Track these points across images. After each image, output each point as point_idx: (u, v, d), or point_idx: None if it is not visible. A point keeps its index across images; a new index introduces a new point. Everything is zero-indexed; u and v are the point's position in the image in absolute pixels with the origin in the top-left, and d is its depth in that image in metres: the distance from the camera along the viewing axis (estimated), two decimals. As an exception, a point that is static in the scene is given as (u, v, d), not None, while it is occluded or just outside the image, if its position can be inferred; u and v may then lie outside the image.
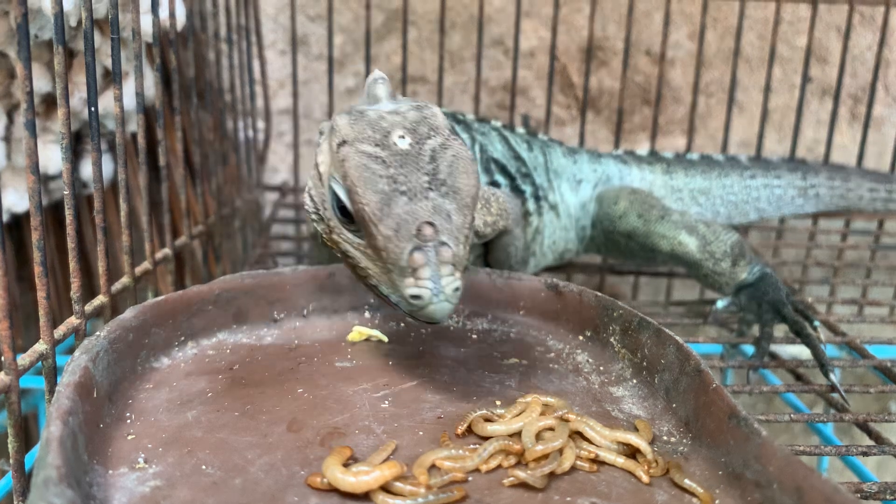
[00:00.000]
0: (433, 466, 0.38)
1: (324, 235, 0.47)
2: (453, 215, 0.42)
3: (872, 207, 0.94)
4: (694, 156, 0.88)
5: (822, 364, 0.57)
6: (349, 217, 0.44)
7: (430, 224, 0.41)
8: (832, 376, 0.56)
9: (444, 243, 0.41)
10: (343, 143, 0.44)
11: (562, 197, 0.74)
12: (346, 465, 0.37)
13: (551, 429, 0.40)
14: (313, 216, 0.48)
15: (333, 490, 0.36)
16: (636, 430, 0.42)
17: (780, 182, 0.90)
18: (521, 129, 0.77)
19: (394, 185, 0.42)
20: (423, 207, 0.41)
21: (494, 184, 0.67)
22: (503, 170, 0.69)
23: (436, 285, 0.40)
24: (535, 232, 0.71)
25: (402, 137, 0.44)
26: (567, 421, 0.41)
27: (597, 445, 0.40)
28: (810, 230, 0.94)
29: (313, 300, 0.55)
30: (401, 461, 0.37)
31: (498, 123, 0.74)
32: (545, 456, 0.39)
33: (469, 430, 0.42)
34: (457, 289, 0.41)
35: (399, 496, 0.36)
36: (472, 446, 0.40)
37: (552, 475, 0.38)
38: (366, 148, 0.43)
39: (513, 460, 0.39)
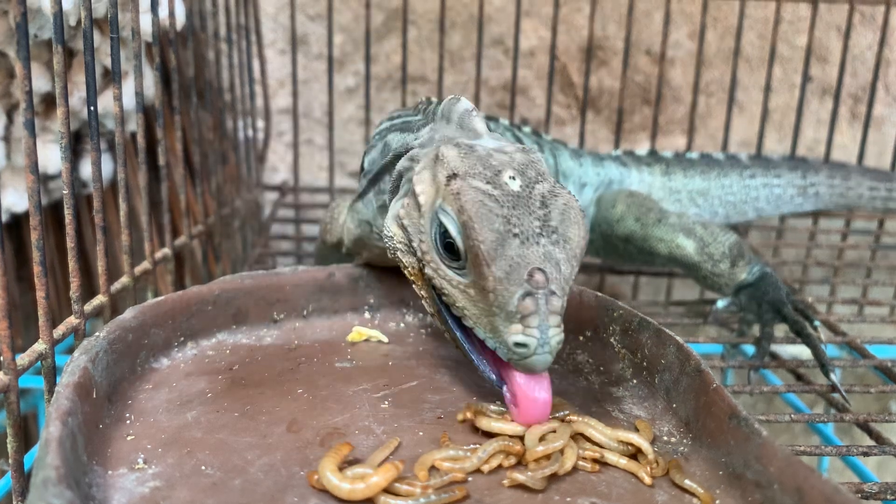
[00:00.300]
0: (433, 467, 0.38)
1: (409, 269, 0.46)
2: (562, 265, 0.41)
3: (872, 206, 0.94)
4: (693, 155, 0.88)
5: (823, 364, 0.57)
6: (453, 254, 0.42)
7: (542, 271, 0.40)
8: (833, 376, 0.56)
9: (553, 293, 0.39)
10: (454, 175, 0.43)
11: None
12: (344, 464, 0.37)
13: (554, 430, 0.40)
14: (400, 246, 0.46)
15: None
16: (637, 430, 0.42)
17: (780, 181, 0.90)
18: (527, 129, 0.77)
19: (508, 227, 0.40)
20: (534, 253, 0.40)
21: None
22: None
23: (542, 335, 0.39)
24: None
25: (513, 178, 0.42)
26: (569, 423, 0.41)
27: (599, 446, 0.40)
28: (810, 230, 0.94)
29: (313, 300, 0.55)
30: (401, 461, 0.37)
31: (505, 122, 0.74)
32: (546, 457, 0.38)
33: (471, 425, 0.42)
34: (560, 342, 0.40)
35: (400, 496, 0.36)
36: (472, 446, 0.40)
37: (553, 475, 0.38)
38: (479, 184, 0.42)
39: (513, 460, 0.39)
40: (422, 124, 0.52)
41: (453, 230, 0.42)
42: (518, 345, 0.39)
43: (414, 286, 0.46)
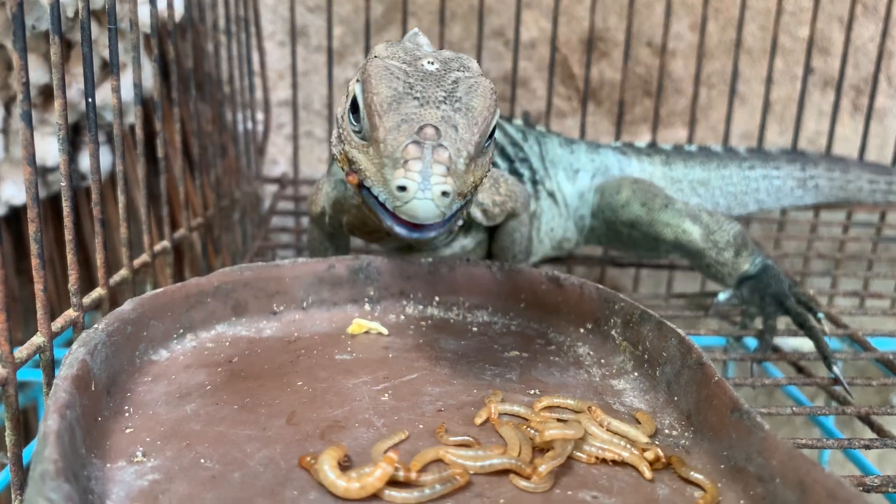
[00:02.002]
0: (436, 461, 0.38)
1: (339, 158, 0.47)
2: (461, 129, 0.42)
3: (872, 199, 0.94)
4: (692, 147, 0.88)
5: (826, 357, 0.57)
6: (357, 116, 0.44)
7: (434, 127, 0.41)
8: (836, 369, 0.56)
9: (443, 146, 0.41)
10: (374, 57, 0.46)
11: (559, 186, 0.74)
12: (346, 460, 0.37)
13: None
14: (335, 141, 0.48)
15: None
16: (638, 422, 0.42)
17: (780, 173, 0.89)
18: (518, 121, 0.76)
19: (409, 90, 0.43)
20: (431, 113, 0.42)
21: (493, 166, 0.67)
22: (501, 152, 0.69)
23: (424, 181, 0.40)
24: (532, 217, 0.70)
25: (431, 63, 0.45)
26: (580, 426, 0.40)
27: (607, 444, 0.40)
28: (812, 222, 0.94)
29: (313, 292, 0.54)
30: (401, 455, 0.37)
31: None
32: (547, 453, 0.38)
33: (470, 417, 0.42)
34: (445, 193, 0.40)
35: (405, 487, 0.36)
36: (465, 437, 0.39)
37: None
38: (391, 62, 0.45)
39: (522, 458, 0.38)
40: None
41: (357, 91, 0.44)
42: (400, 188, 0.40)
43: (343, 173, 0.47)
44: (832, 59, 1.03)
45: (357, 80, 0.46)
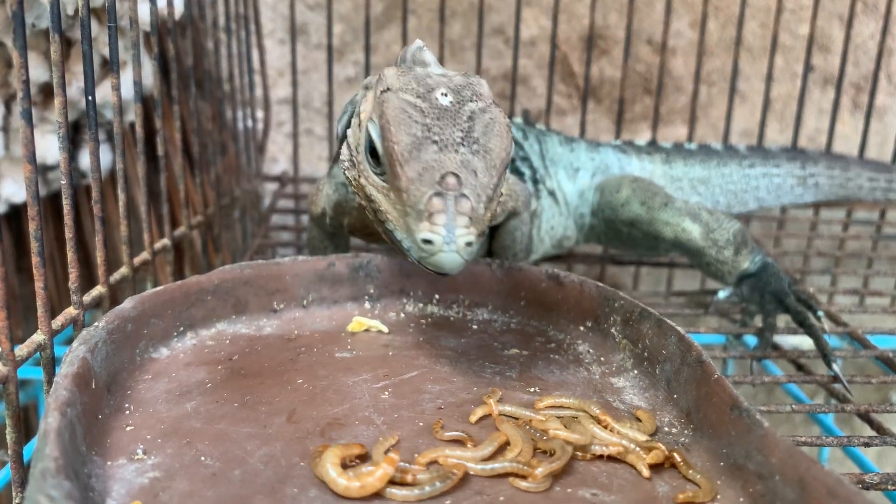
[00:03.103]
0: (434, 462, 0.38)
1: (353, 182, 0.48)
2: (480, 173, 0.42)
3: (872, 197, 0.94)
4: (692, 145, 0.88)
5: (826, 355, 0.57)
6: (378, 159, 0.44)
7: (455, 175, 0.41)
8: (835, 366, 0.56)
9: (465, 196, 0.41)
10: (387, 90, 0.45)
11: (559, 184, 0.74)
12: (355, 461, 0.37)
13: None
14: (347, 164, 0.49)
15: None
16: (638, 420, 0.42)
17: (779, 171, 0.89)
18: (518, 119, 0.76)
19: (427, 133, 0.43)
20: (451, 159, 0.42)
21: None
22: None
23: (449, 234, 0.40)
24: (532, 215, 0.71)
25: (445, 95, 0.45)
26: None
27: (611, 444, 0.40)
28: (812, 220, 0.94)
29: (313, 290, 0.54)
30: (401, 452, 0.37)
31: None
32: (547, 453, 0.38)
33: (467, 415, 0.42)
34: (469, 243, 0.41)
35: (405, 486, 0.36)
36: (459, 433, 0.39)
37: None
38: (407, 97, 0.45)
39: (521, 459, 0.38)
40: None
41: (375, 134, 0.44)
42: (425, 241, 0.41)
43: (357, 198, 0.48)
44: (832, 56, 1.03)
45: (372, 120, 0.45)
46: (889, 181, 0.94)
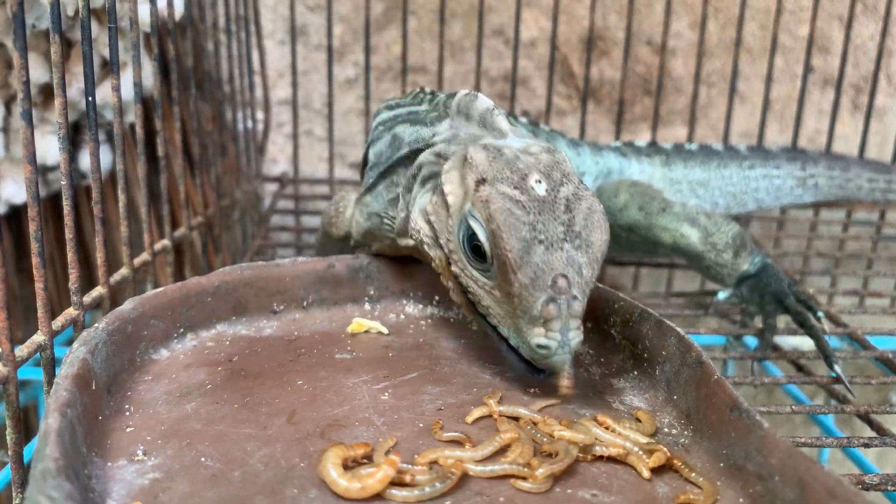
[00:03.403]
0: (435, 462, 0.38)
1: (436, 262, 0.48)
2: (584, 269, 0.42)
3: (872, 198, 0.94)
4: (693, 146, 0.88)
5: (827, 355, 0.57)
6: (480, 256, 0.44)
7: (565, 277, 0.41)
8: (837, 368, 0.56)
9: (575, 297, 0.41)
10: (483, 180, 0.44)
11: None
12: (362, 460, 0.37)
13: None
14: (427, 240, 0.48)
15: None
16: (638, 421, 0.42)
17: (779, 172, 0.89)
18: (524, 120, 0.76)
19: (533, 233, 0.42)
20: (558, 259, 0.42)
21: None
22: None
23: (563, 338, 0.41)
24: None
25: (539, 182, 0.44)
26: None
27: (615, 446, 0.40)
28: (812, 221, 0.94)
29: (313, 292, 0.54)
30: (401, 453, 0.37)
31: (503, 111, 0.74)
32: (549, 455, 0.38)
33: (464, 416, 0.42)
34: (580, 342, 0.42)
35: (405, 486, 0.36)
36: (458, 434, 0.39)
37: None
38: (506, 190, 0.43)
39: (520, 461, 0.38)
40: (434, 118, 0.53)
41: (482, 236, 0.43)
42: (540, 346, 0.42)
43: (441, 278, 0.48)
44: (832, 57, 1.03)
45: (473, 217, 0.44)
46: (888, 182, 0.94)
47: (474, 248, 0.44)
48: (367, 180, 0.58)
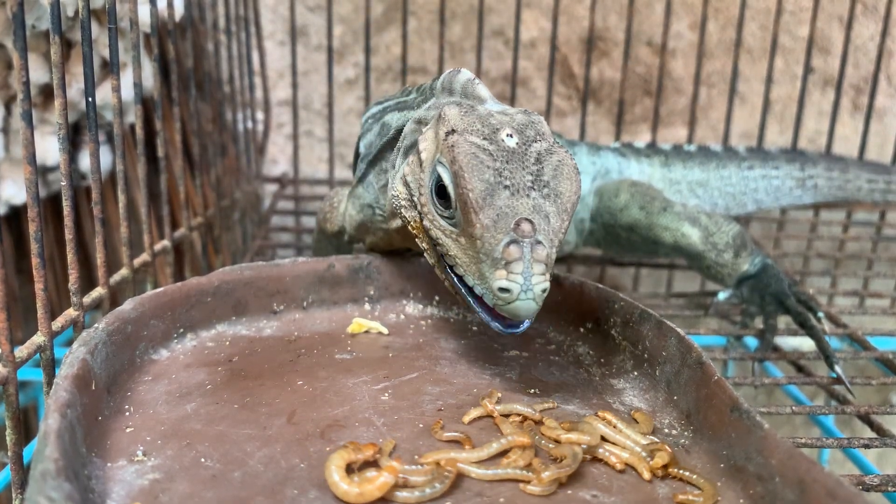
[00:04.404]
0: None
1: (411, 224, 0.48)
2: (552, 217, 0.42)
3: (871, 199, 0.94)
4: (692, 147, 0.88)
5: (828, 356, 0.57)
6: (446, 202, 0.44)
7: (529, 221, 0.41)
8: (837, 368, 0.56)
9: (539, 242, 0.41)
10: (452, 131, 0.45)
11: None
12: (365, 464, 0.37)
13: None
14: (404, 202, 0.48)
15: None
16: (636, 421, 0.42)
17: (778, 173, 0.89)
18: None
19: (499, 178, 0.42)
20: (523, 204, 0.42)
21: None
22: None
23: (526, 281, 0.41)
24: None
25: (510, 136, 0.44)
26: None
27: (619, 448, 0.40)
28: (812, 221, 0.94)
29: (313, 292, 0.54)
30: (401, 454, 0.37)
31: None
32: (554, 459, 0.38)
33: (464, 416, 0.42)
34: (545, 290, 0.41)
35: (406, 487, 0.36)
36: (457, 434, 0.39)
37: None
38: (474, 139, 0.44)
39: (521, 463, 0.38)
40: (421, 101, 0.54)
41: (447, 178, 0.44)
42: (502, 290, 0.41)
43: (417, 241, 0.48)
44: (832, 58, 1.03)
45: (440, 163, 0.44)
46: (888, 183, 0.93)
47: (439, 191, 0.44)
48: (358, 172, 0.58)
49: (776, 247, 0.89)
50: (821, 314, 0.62)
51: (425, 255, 0.48)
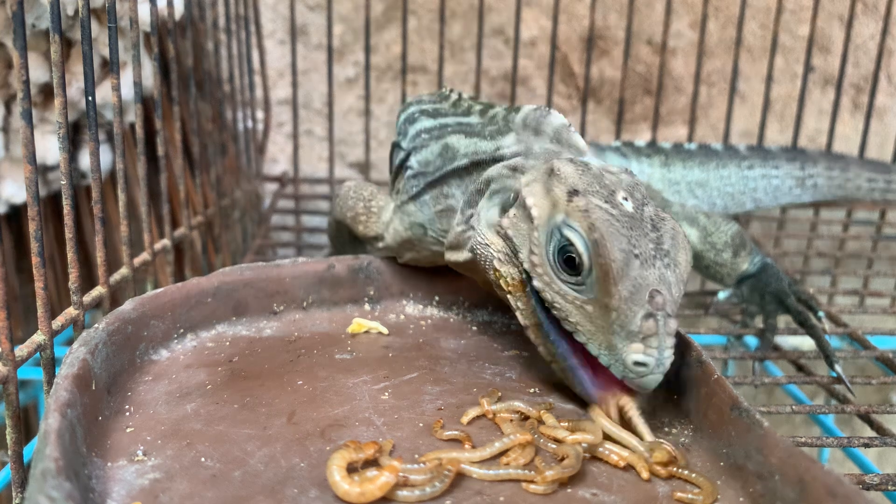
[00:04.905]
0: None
1: (506, 279, 0.46)
2: (673, 288, 0.41)
3: (871, 197, 0.94)
4: (692, 146, 0.88)
5: (828, 355, 0.57)
6: (572, 269, 0.42)
7: (660, 293, 0.40)
8: (837, 367, 0.56)
9: (670, 315, 0.40)
10: (575, 192, 0.43)
11: None
12: (366, 463, 0.37)
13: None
14: (499, 256, 0.46)
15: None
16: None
17: (778, 172, 0.89)
18: None
19: (630, 246, 0.41)
20: (652, 275, 0.41)
21: None
22: None
23: (660, 356, 0.40)
24: None
25: (626, 199, 0.43)
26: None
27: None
28: (812, 220, 0.94)
29: (313, 292, 0.55)
30: (401, 453, 0.37)
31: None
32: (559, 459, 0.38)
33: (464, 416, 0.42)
34: (672, 363, 0.41)
35: (406, 486, 0.36)
36: (458, 433, 0.39)
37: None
38: (601, 203, 0.42)
39: (521, 461, 0.38)
40: (494, 131, 0.52)
41: (580, 246, 0.42)
42: (638, 364, 0.40)
43: (509, 297, 0.46)
44: (832, 57, 1.03)
45: (569, 227, 0.42)
46: (888, 182, 0.93)
47: (567, 261, 0.42)
48: (409, 188, 0.56)
49: (776, 246, 0.89)
50: (821, 313, 0.62)
51: (517, 314, 0.46)
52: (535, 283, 0.44)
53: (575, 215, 0.42)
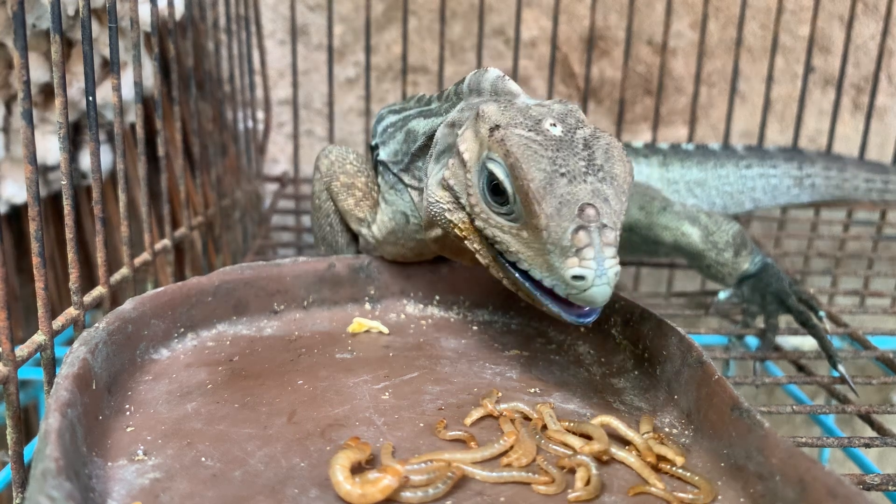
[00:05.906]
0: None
1: (459, 226, 0.47)
2: (611, 200, 0.42)
3: (868, 198, 0.94)
4: (689, 146, 0.88)
5: (830, 355, 0.57)
6: (502, 198, 0.43)
7: (592, 206, 0.41)
8: (840, 367, 0.56)
9: (605, 225, 0.40)
10: (496, 126, 0.44)
11: None
12: (363, 464, 0.37)
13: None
14: (447, 206, 0.47)
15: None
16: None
17: (776, 172, 0.89)
18: None
19: (554, 167, 0.41)
20: (583, 190, 0.41)
21: None
22: None
23: (599, 266, 0.40)
24: None
25: (554, 125, 0.44)
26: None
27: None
28: (812, 220, 0.94)
29: (313, 291, 0.54)
30: (402, 453, 0.37)
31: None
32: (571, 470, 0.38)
33: (466, 416, 0.42)
34: (617, 273, 0.41)
35: (408, 488, 0.36)
36: (461, 433, 0.39)
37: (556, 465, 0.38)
38: (521, 132, 0.43)
39: (523, 461, 0.38)
40: (448, 107, 0.53)
41: (501, 174, 0.43)
42: (576, 277, 0.40)
43: (466, 243, 0.47)
44: (833, 57, 1.03)
45: (492, 159, 0.43)
46: (885, 182, 0.93)
47: (494, 189, 0.43)
48: (388, 180, 0.57)
49: (777, 246, 0.89)
50: (822, 313, 0.62)
51: (477, 256, 0.46)
52: (477, 223, 0.45)
53: (494, 147, 0.43)
